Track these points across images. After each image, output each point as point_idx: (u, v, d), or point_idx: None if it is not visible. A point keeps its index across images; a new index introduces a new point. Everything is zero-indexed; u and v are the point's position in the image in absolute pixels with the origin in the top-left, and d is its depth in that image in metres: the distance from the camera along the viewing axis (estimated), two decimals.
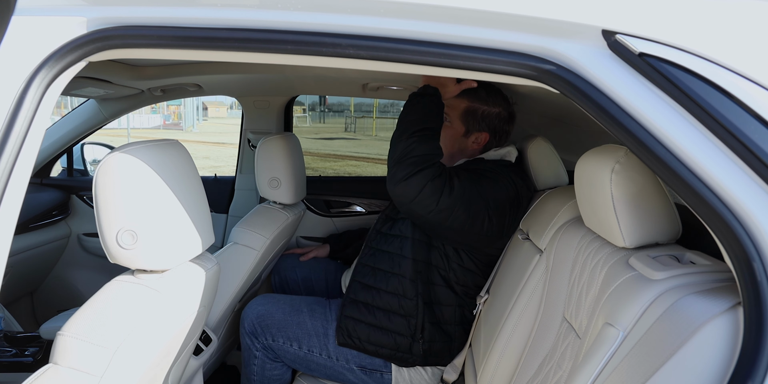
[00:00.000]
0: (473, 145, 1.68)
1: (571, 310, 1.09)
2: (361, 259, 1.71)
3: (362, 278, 1.66)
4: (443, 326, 1.63)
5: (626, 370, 0.75)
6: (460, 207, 1.43)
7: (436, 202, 1.39)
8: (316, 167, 10.09)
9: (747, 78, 0.67)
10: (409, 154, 1.39)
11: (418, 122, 1.43)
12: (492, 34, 0.78)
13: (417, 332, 1.59)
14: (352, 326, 1.62)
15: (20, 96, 0.81)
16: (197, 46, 0.83)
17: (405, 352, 1.60)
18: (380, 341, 1.60)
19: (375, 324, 1.61)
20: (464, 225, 1.47)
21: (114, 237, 0.94)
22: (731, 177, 0.65)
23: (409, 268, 1.60)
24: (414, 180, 1.37)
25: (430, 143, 1.42)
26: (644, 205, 0.95)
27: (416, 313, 1.59)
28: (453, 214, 1.43)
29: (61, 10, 0.84)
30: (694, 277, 0.80)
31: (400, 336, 1.59)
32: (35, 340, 1.55)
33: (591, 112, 0.75)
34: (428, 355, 1.62)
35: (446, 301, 1.62)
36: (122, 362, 0.90)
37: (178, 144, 1.09)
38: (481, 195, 1.46)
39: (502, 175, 1.54)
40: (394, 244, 1.63)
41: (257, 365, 1.72)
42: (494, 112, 1.65)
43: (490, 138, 1.67)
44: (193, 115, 27.77)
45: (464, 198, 1.43)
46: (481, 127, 1.65)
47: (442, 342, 1.63)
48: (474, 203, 1.45)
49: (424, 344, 1.60)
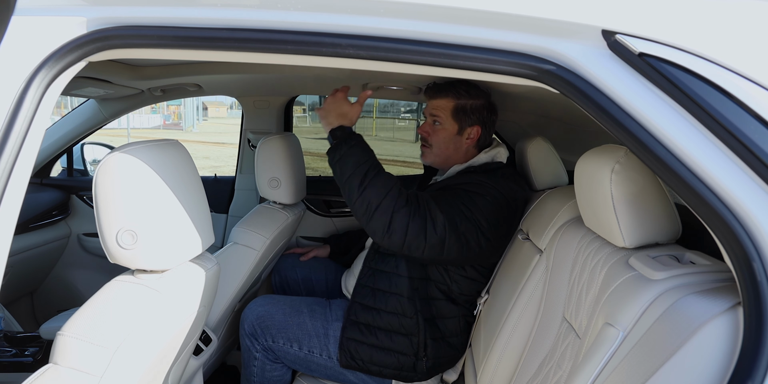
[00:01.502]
0: (468, 142, 1.68)
1: (571, 310, 1.09)
2: (360, 280, 1.68)
3: (362, 299, 1.64)
4: (448, 339, 1.62)
5: (626, 370, 0.75)
6: (450, 237, 1.40)
7: (424, 239, 1.38)
8: (316, 167, 10.07)
9: (747, 78, 0.67)
10: (372, 207, 1.36)
11: (355, 173, 1.40)
12: (492, 34, 0.78)
13: (420, 350, 1.59)
14: (354, 348, 1.60)
15: (20, 96, 0.81)
16: (197, 46, 0.83)
17: (409, 371, 1.60)
18: (383, 362, 1.59)
19: (377, 345, 1.60)
20: (461, 252, 1.45)
21: (114, 237, 0.94)
22: (731, 177, 0.65)
23: (406, 286, 1.58)
24: (394, 226, 1.35)
25: (379, 182, 1.39)
26: (644, 205, 0.95)
27: (417, 331, 1.58)
28: (446, 245, 1.41)
29: (61, 10, 0.84)
30: (694, 277, 0.80)
31: (403, 355, 1.59)
32: (35, 340, 1.54)
33: (591, 112, 0.75)
34: (432, 371, 1.62)
35: (448, 313, 1.61)
36: (122, 362, 0.90)
37: (178, 144, 1.09)
38: (468, 218, 1.43)
39: (487, 185, 1.51)
40: (390, 264, 1.62)
41: (257, 367, 1.71)
42: (480, 103, 1.66)
43: (482, 130, 1.67)
44: (193, 115, 27.78)
45: (451, 228, 1.40)
46: (472, 121, 1.66)
47: (447, 357, 1.63)
48: (463, 229, 1.42)
49: (428, 362, 1.59)
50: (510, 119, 2.42)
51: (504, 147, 1.71)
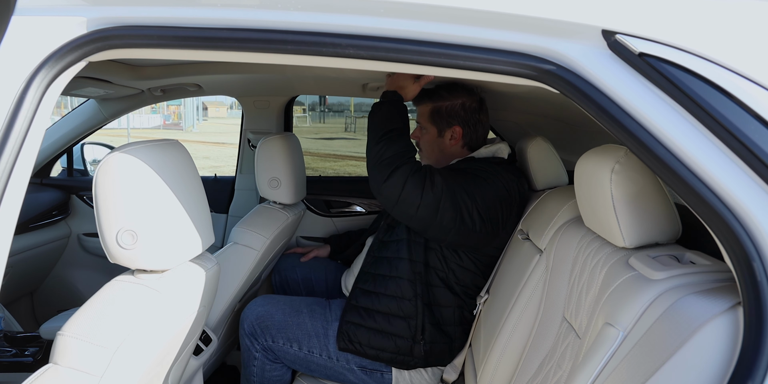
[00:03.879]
0: (452, 142, 1.71)
1: (571, 310, 1.09)
2: (363, 267, 1.72)
3: (363, 284, 1.67)
4: (443, 327, 1.63)
5: (626, 370, 0.75)
6: (446, 200, 1.45)
7: (420, 196, 1.43)
8: (316, 167, 10.09)
9: (747, 78, 0.67)
10: (382, 157, 1.47)
11: (382, 127, 1.52)
12: (492, 34, 0.78)
13: (417, 334, 1.59)
14: (352, 331, 1.62)
15: (20, 96, 0.81)
16: (197, 46, 0.83)
17: (406, 354, 1.60)
18: (381, 345, 1.60)
19: (375, 328, 1.61)
20: (454, 221, 1.48)
21: (114, 237, 0.94)
22: (731, 177, 0.65)
23: (407, 269, 1.61)
24: (393, 179, 1.44)
25: (399, 143, 1.49)
26: (644, 205, 0.95)
27: (416, 314, 1.59)
28: (440, 208, 1.46)
29: (61, 10, 0.84)
30: (694, 277, 0.80)
31: (400, 339, 1.60)
32: (35, 340, 1.54)
33: (591, 112, 0.75)
34: (429, 356, 1.62)
35: (445, 302, 1.62)
36: (122, 362, 0.90)
37: (178, 144, 1.09)
38: (465, 190, 1.50)
39: (490, 172, 1.56)
40: (391, 249, 1.65)
41: (257, 367, 1.72)
42: (457, 104, 1.68)
43: (464, 129, 1.70)
44: (193, 115, 27.78)
45: (448, 192, 1.46)
46: (451, 123, 1.69)
47: (443, 343, 1.63)
48: (459, 198, 1.48)
49: (425, 346, 1.60)
50: (510, 119, 2.42)
51: (505, 144, 1.73)
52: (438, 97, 1.69)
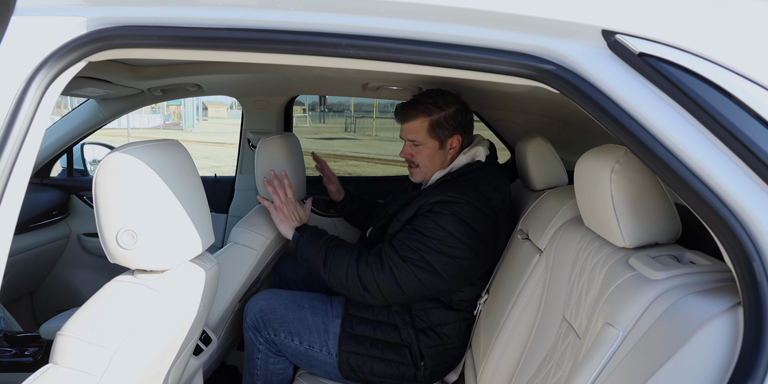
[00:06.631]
0: (451, 151, 1.69)
1: (570, 309, 1.09)
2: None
3: (357, 312, 1.67)
4: (447, 346, 1.63)
5: (626, 370, 0.75)
6: (423, 277, 1.48)
7: (399, 289, 1.48)
8: None
9: (747, 78, 0.67)
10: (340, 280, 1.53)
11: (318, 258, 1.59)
12: (492, 34, 0.78)
13: (417, 360, 1.61)
14: (354, 361, 1.62)
15: (20, 96, 0.81)
16: (197, 46, 0.83)
17: (410, 380, 1.62)
18: (385, 373, 1.61)
19: (377, 356, 1.62)
20: (446, 281, 1.50)
21: (114, 237, 0.94)
22: (731, 177, 0.65)
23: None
24: (368, 289, 1.50)
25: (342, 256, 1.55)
26: (644, 205, 0.95)
27: (411, 342, 1.61)
28: (425, 285, 1.49)
29: (61, 10, 0.84)
30: (694, 277, 0.80)
31: (403, 365, 1.61)
32: (35, 340, 1.54)
33: (591, 112, 0.75)
34: (433, 378, 1.64)
35: (446, 320, 1.63)
36: (122, 362, 0.90)
37: (178, 144, 1.09)
38: (438, 251, 1.48)
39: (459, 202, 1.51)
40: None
41: (261, 359, 1.72)
42: (452, 111, 1.65)
43: (462, 136, 1.68)
44: (193, 115, 27.78)
45: (419, 269, 1.47)
46: (451, 132, 1.66)
47: (445, 362, 1.65)
48: (436, 265, 1.48)
49: (426, 370, 1.61)
50: (510, 119, 2.42)
51: (483, 143, 1.71)
52: (430, 110, 1.64)
